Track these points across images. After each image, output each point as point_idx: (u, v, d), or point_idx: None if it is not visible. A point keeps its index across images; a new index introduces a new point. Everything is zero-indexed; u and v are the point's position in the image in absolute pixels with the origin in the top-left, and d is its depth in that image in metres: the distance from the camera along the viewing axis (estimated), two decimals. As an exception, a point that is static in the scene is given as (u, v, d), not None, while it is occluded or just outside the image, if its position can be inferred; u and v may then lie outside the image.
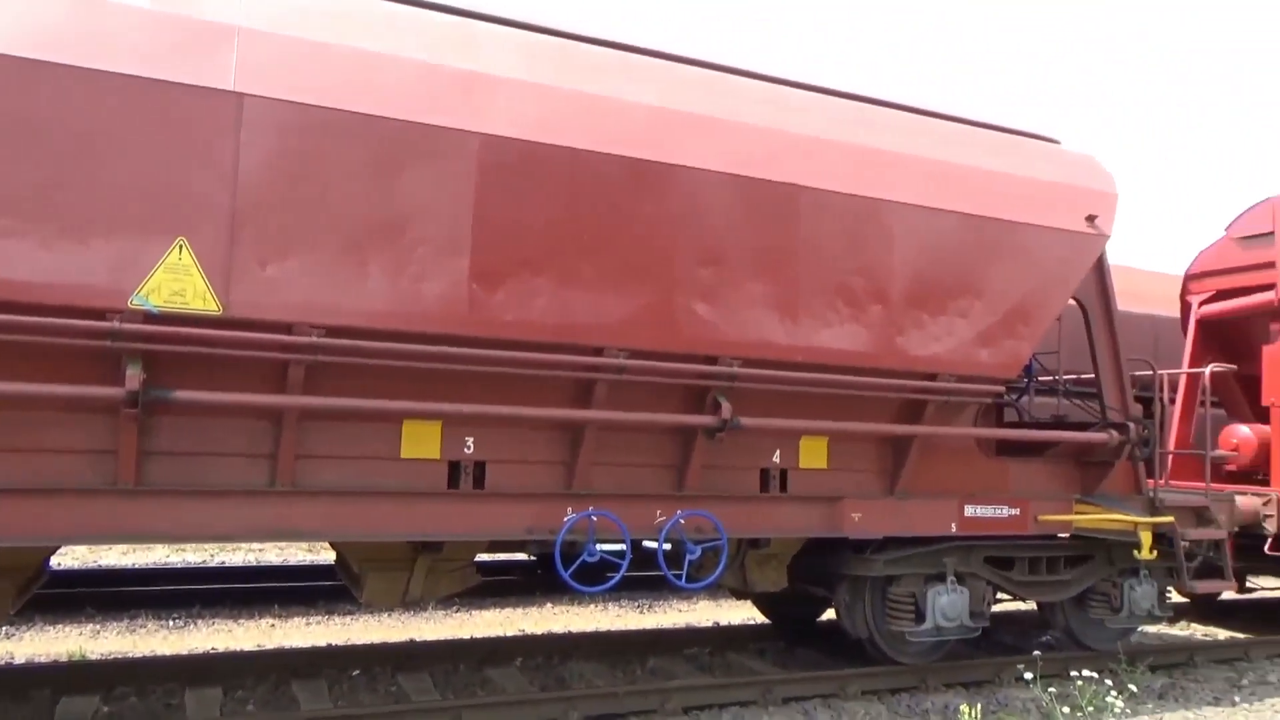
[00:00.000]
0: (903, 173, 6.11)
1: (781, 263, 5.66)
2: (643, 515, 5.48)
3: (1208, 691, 6.91)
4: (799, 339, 5.72)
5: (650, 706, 5.77)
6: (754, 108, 5.86)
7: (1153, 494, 7.12)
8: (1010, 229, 6.35)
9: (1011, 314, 6.35)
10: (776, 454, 5.94)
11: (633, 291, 5.25)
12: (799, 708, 6.05)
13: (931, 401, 6.15)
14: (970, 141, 6.74)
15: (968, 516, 6.45)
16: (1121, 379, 7.17)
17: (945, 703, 6.21)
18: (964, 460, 6.59)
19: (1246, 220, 10.38)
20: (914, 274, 6.04)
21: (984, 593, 6.74)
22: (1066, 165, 7.08)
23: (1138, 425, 6.91)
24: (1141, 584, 7.22)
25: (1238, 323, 10.52)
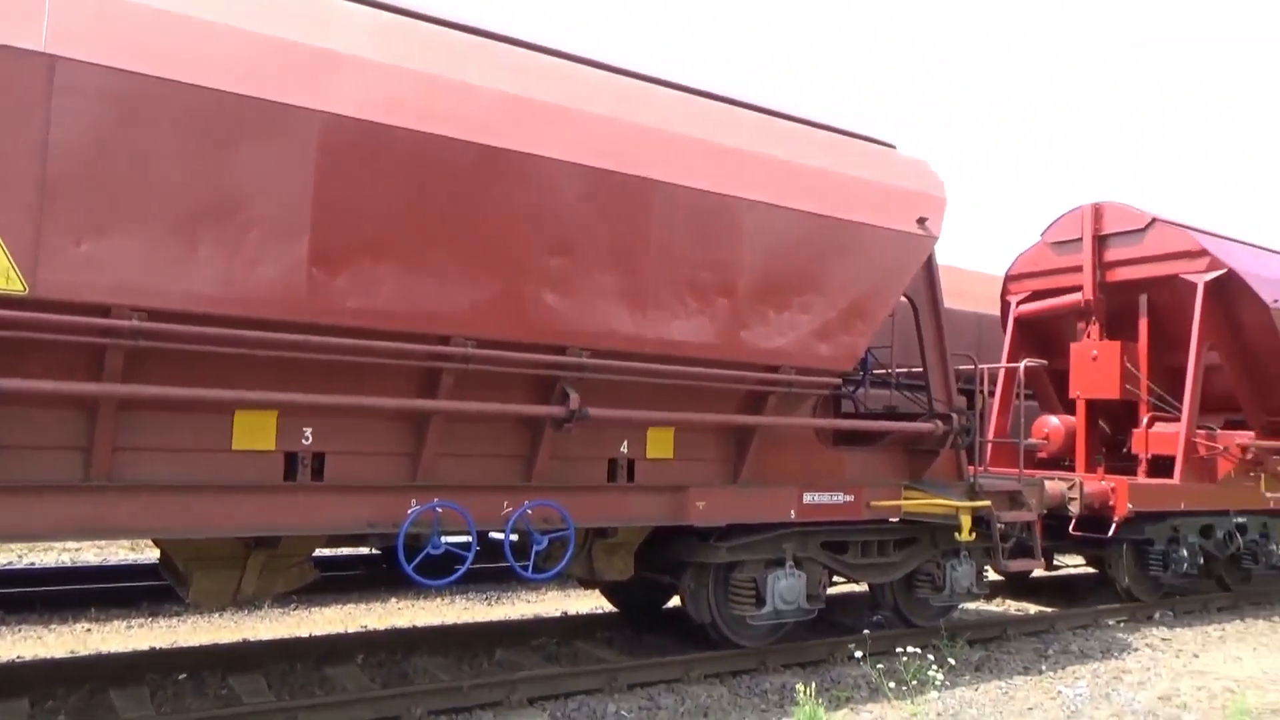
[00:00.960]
0: (752, 170, 6.28)
1: (632, 255, 5.72)
2: (489, 506, 5.42)
3: (1018, 662, 7.47)
4: (648, 330, 5.80)
5: (496, 698, 5.73)
6: (608, 100, 5.88)
7: (973, 480, 7.62)
8: (850, 228, 6.63)
9: (849, 310, 6.65)
10: (624, 444, 6.01)
11: (481, 280, 5.18)
12: (644, 693, 6.15)
13: (774, 393, 6.37)
14: (815, 142, 7.00)
15: (806, 504, 6.71)
16: (947, 372, 7.63)
17: (783, 682, 6.45)
18: (803, 450, 6.86)
19: (1059, 227, 11.26)
20: (760, 269, 6.23)
21: (820, 576, 7.04)
22: (901, 169, 7.46)
23: (960, 416, 7.37)
24: (962, 564, 7.71)
25: (1050, 321, 11.42)
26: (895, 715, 5.86)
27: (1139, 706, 6.29)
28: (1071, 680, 6.94)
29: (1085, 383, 10.63)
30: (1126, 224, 10.59)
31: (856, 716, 5.83)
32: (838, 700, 6.12)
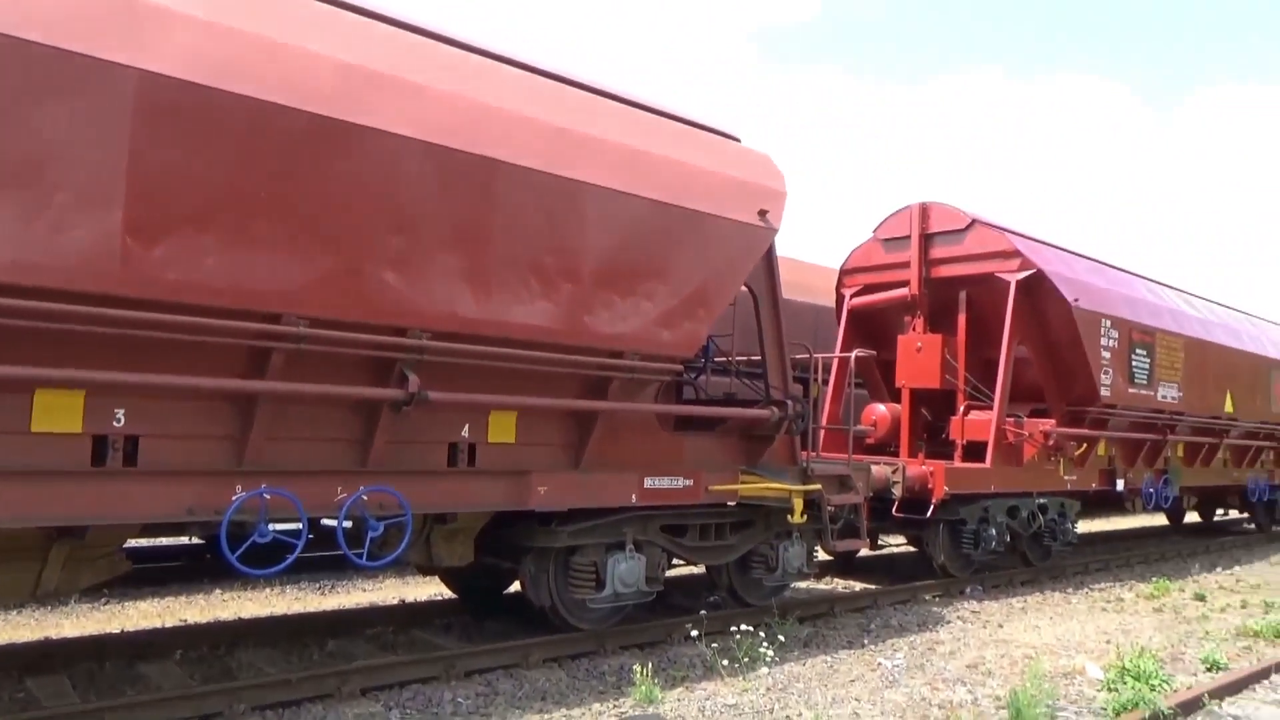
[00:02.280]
0: (600, 156, 6.28)
1: (476, 236, 5.62)
2: (322, 492, 5.22)
3: (843, 637, 7.86)
4: (491, 313, 5.72)
5: (327, 690, 5.54)
6: (454, 76, 5.74)
7: (806, 464, 7.94)
8: (694, 218, 6.74)
9: (692, 297, 6.77)
10: (465, 428, 5.91)
11: (316, 256, 4.97)
12: (482, 680, 6.10)
13: (617, 378, 6.42)
14: (662, 131, 7.08)
15: (647, 488, 6.81)
16: (784, 361, 7.91)
17: (621, 664, 6.54)
18: (645, 435, 6.95)
19: (889, 224, 11.84)
20: (605, 255, 6.25)
21: (659, 559, 7.17)
22: (746, 161, 7.65)
23: (795, 403, 7.66)
24: (794, 545, 8.04)
25: (880, 314, 12.01)
26: (728, 691, 6.04)
27: (949, 674, 6.74)
28: (891, 653, 7.36)
29: (910, 373, 11.26)
30: (950, 224, 11.26)
31: (691, 694, 5.97)
32: (674, 680, 6.25)
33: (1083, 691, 6.40)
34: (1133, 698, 5.87)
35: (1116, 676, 6.44)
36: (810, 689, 6.21)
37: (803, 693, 6.11)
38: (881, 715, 5.69)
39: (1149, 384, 12.29)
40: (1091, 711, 5.94)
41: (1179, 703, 5.87)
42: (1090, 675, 6.76)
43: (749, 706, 5.75)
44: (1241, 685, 6.66)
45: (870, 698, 6.06)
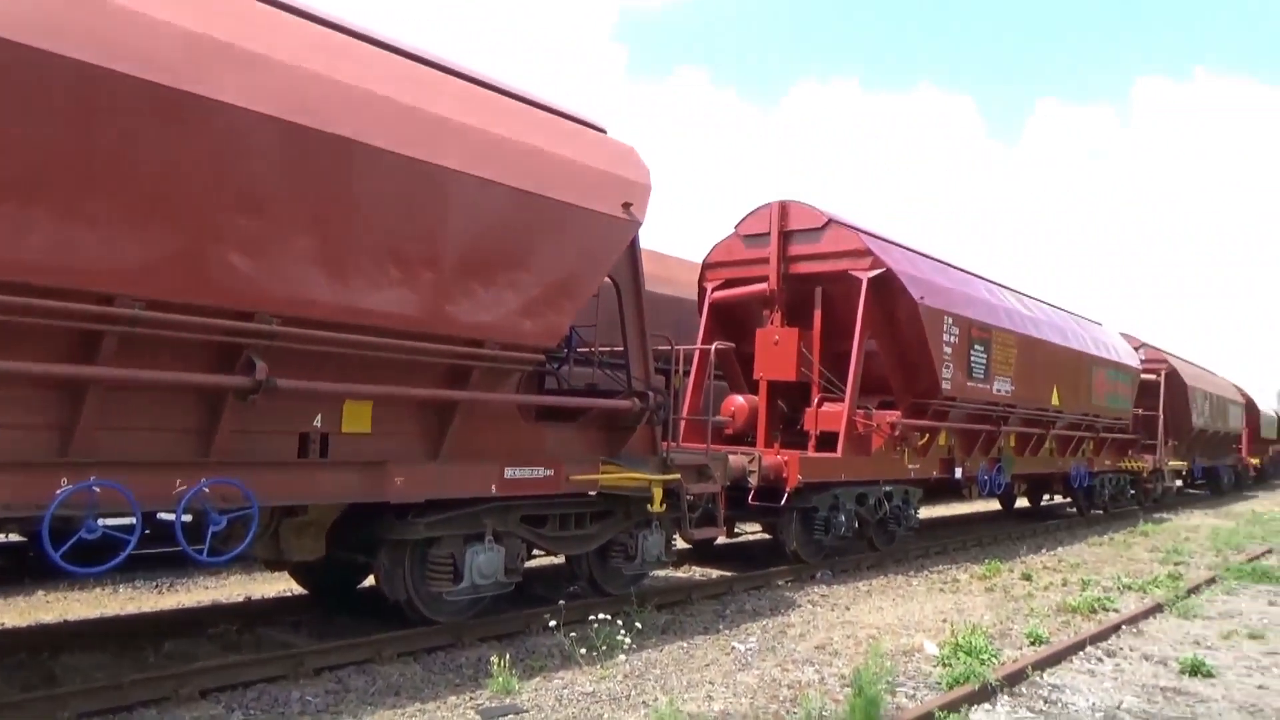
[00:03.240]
0: (462, 141, 6.16)
1: (331, 219, 5.42)
2: (159, 485, 4.93)
3: (699, 623, 8.04)
4: (347, 299, 5.54)
5: (162, 694, 5.25)
6: (313, 53, 5.50)
7: (666, 455, 8.06)
8: (558, 208, 6.72)
9: (554, 288, 6.76)
10: (318, 418, 5.71)
11: (155, 235, 4.68)
12: (333, 677, 5.91)
13: (477, 368, 6.34)
14: (528, 119, 7.01)
15: (507, 478, 6.76)
16: (646, 352, 8.00)
17: (479, 656, 6.48)
18: (506, 425, 6.90)
19: (750, 221, 12.15)
20: (467, 243, 6.15)
21: (519, 550, 7.14)
22: (611, 153, 7.67)
23: (656, 394, 7.76)
24: (653, 534, 8.16)
25: (741, 307, 12.32)
26: (586, 680, 6.08)
27: (799, 656, 7.00)
28: (744, 637, 7.58)
29: (767, 365, 11.60)
30: (807, 222, 11.66)
31: (549, 684, 5.98)
32: (532, 670, 6.24)
33: (920, 668, 6.77)
34: (964, 672, 6.26)
35: (950, 653, 6.84)
36: (667, 674, 6.32)
37: (659, 678, 6.22)
38: (734, 697, 5.86)
39: (986, 378, 13.09)
40: (927, 686, 6.30)
41: (1005, 675, 6.30)
42: (927, 652, 7.16)
43: (606, 694, 5.81)
44: (1060, 657, 7.19)
45: (724, 680, 6.22)
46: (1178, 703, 6.27)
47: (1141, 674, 6.98)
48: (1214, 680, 6.87)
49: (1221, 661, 7.41)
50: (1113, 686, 6.58)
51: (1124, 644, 7.92)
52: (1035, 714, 5.85)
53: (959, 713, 5.57)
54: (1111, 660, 7.36)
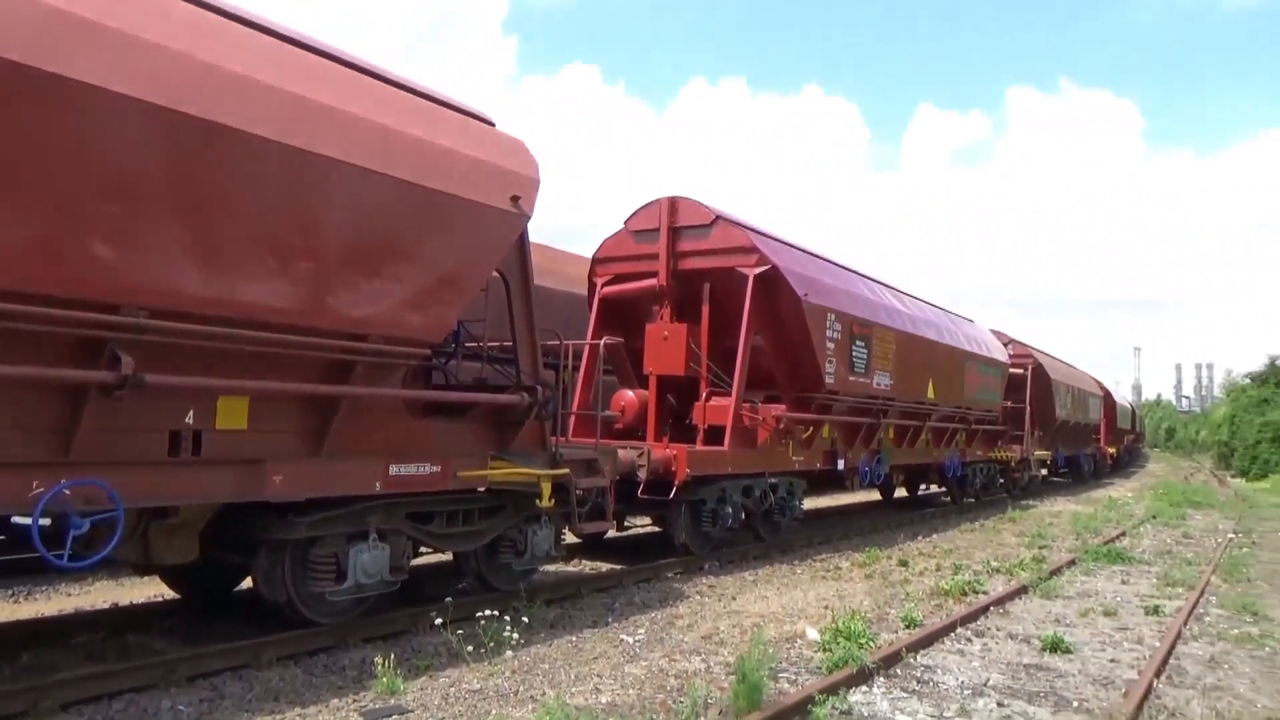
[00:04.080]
0: (345, 130, 5.99)
1: (205, 207, 5.20)
2: (13, 487, 4.64)
3: (589, 617, 8.07)
4: (221, 291, 5.34)
5: (18, 709, 4.95)
6: (187, 34, 5.25)
7: (555, 449, 8.06)
8: (445, 200, 6.61)
9: (441, 281, 6.66)
10: (190, 415, 5.47)
11: (9, 223, 4.40)
12: (207, 684, 5.70)
13: (360, 362, 6.20)
14: (414, 109, 6.87)
15: (393, 475, 6.63)
16: (534, 347, 7.97)
17: (363, 657, 6.35)
18: (392, 421, 6.76)
19: (640, 217, 12.24)
20: (349, 235, 6.00)
21: (405, 547, 7.02)
22: (499, 146, 7.60)
23: (545, 389, 7.74)
24: (542, 529, 8.15)
25: (631, 303, 12.40)
26: (473, 677, 6.03)
27: (687, 646, 7.12)
28: (633, 629, 7.66)
29: (657, 360, 11.72)
30: (696, 219, 11.82)
31: (435, 683, 5.91)
32: (418, 669, 6.15)
33: (802, 653, 6.98)
34: (843, 655, 6.49)
35: (831, 638, 7.08)
36: (555, 669, 6.33)
37: (548, 673, 6.22)
38: (621, 689, 5.91)
39: (866, 373, 13.56)
40: (809, 670, 6.50)
41: (881, 657, 6.56)
42: (809, 638, 7.39)
43: (494, 690, 5.78)
44: (933, 639, 7.53)
45: (612, 673, 6.27)
46: (1039, 678, 6.65)
47: (1007, 652, 7.37)
48: (1072, 655, 7.32)
49: (1079, 638, 7.90)
50: (980, 665, 6.93)
51: (992, 624, 8.34)
52: (909, 694, 6.11)
53: (838, 695, 5.77)
54: (980, 640, 7.75)
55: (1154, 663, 6.90)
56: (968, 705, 5.89)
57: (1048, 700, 6.11)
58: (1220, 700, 6.27)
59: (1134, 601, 9.66)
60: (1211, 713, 5.97)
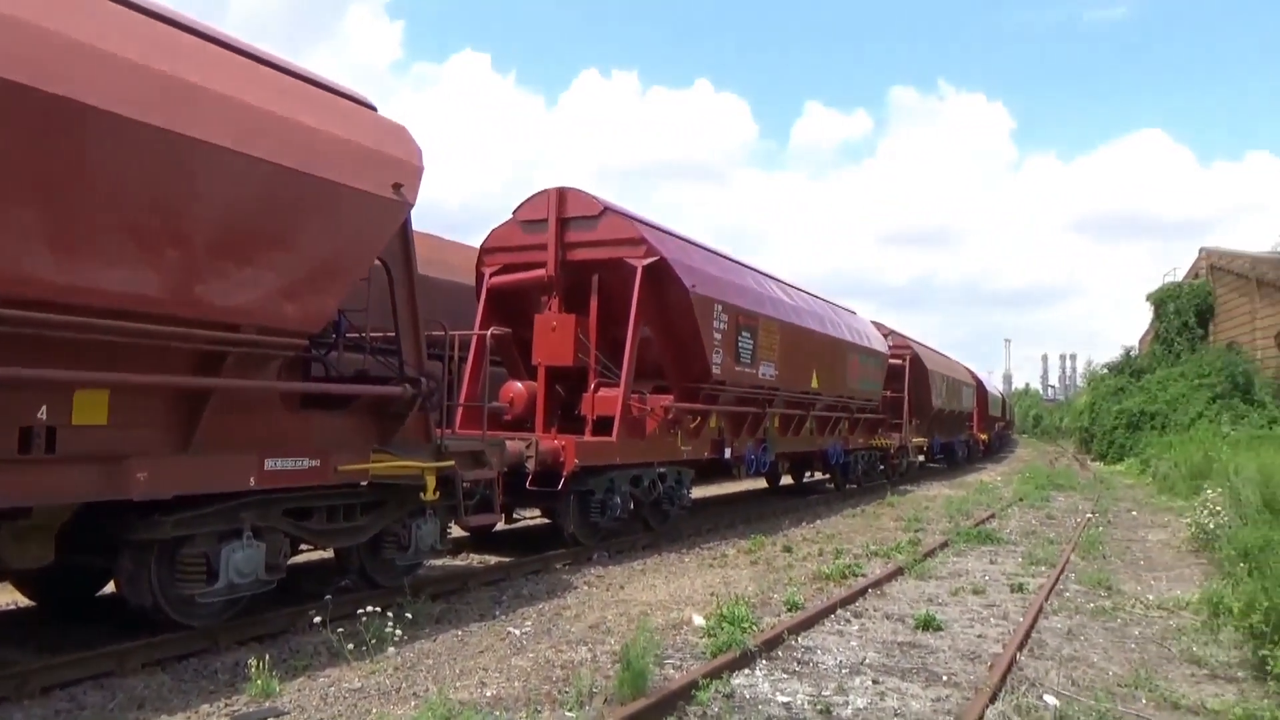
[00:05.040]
0: (215, 111, 5.72)
1: (60, 190, 4.90)
2: None
3: (476, 611, 7.98)
4: (79, 279, 5.04)
5: None
6: (38, 4, 4.90)
7: (440, 441, 7.93)
8: (323, 186, 6.40)
9: (318, 270, 6.46)
10: (43, 409, 5.14)
11: None
12: (65, 694, 5.38)
13: (232, 354, 5.96)
14: (291, 92, 6.62)
15: (268, 470, 6.40)
16: (418, 337, 7.82)
17: (236, 660, 6.11)
18: (267, 414, 6.53)
19: (528, 207, 12.14)
20: (220, 220, 5.74)
21: (281, 545, 6.79)
22: (381, 132, 7.40)
23: (429, 380, 7.61)
24: (427, 523, 8.01)
25: (519, 293, 12.29)
26: (354, 676, 5.89)
27: (574, 636, 7.13)
28: (520, 621, 7.62)
29: (545, 351, 11.66)
30: (584, 210, 11.81)
31: (314, 683, 5.74)
32: (296, 670, 5.97)
33: (688, 639, 7.08)
34: (727, 640, 6.61)
35: (715, 623, 7.20)
36: (440, 664, 6.24)
37: (431, 668, 6.13)
38: (507, 681, 5.88)
39: (752, 363, 13.83)
40: (693, 656, 6.60)
41: (763, 641, 6.71)
42: (695, 624, 7.50)
43: (375, 688, 5.66)
44: (813, 621, 7.76)
45: (498, 666, 6.22)
46: (912, 655, 6.93)
47: (883, 631, 7.66)
48: (942, 632, 7.65)
49: (950, 616, 8.27)
50: (858, 644, 7.17)
51: (870, 605, 8.65)
52: (789, 675, 6.28)
53: (721, 679, 5.88)
54: (858, 621, 8.03)
55: (1017, 637, 7.29)
56: (845, 684, 6.10)
57: (919, 676, 6.38)
58: (1076, 670, 6.67)
59: (1001, 580, 10.17)
60: (1068, 681, 6.34)
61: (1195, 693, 6.18)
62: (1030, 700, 5.81)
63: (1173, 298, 41.84)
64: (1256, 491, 11.14)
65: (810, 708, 5.59)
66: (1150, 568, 11.61)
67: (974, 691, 5.91)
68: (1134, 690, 6.19)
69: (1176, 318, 41.04)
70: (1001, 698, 5.84)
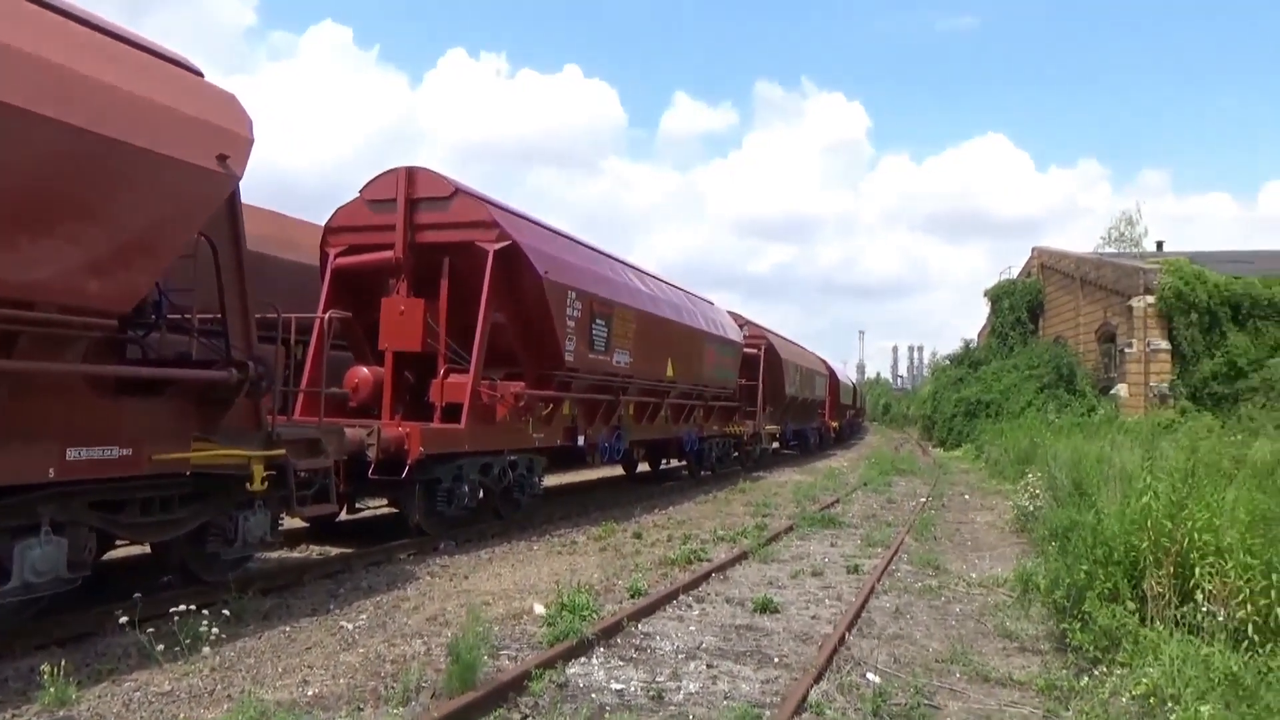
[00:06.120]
0: (11, 69, 5.21)
1: None
2: None
3: (309, 605, 7.66)
4: None
5: None
6: None
7: (271, 429, 7.54)
8: (135, 155, 5.93)
9: (130, 245, 5.99)
10: None
11: None
12: None
13: (26, 334, 5.46)
14: (101, 51, 6.11)
15: (70, 460, 5.91)
16: (248, 319, 7.40)
17: (31, 666, 5.62)
18: (70, 400, 6.02)
19: (376, 186, 11.73)
20: (10, 188, 5.23)
21: (87, 540, 6.30)
22: (206, 99, 6.94)
23: (258, 363, 7.21)
24: (256, 515, 7.61)
25: (367, 275, 11.86)
26: (164, 678, 5.53)
27: (410, 629, 6.93)
28: (355, 615, 7.36)
29: (393, 336, 11.30)
30: (435, 191, 11.49)
31: (118, 688, 5.36)
32: (99, 675, 5.56)
33: (527, 629, 7.01)
34: (566, 629, 6.58)
35: (556, 612, 7.16)
36: (261, 663, 5.94)
37: (252, 668, 5.83)
38: (332, 679, 5.64)
39: (607, 351, 13.83)
40: (531, 646, 6.53)
41: (602, 628, 6.71)
42: (536, 613, 7.43)
43: (186, 691, 5.33)
44: (655, 607, 7.82)
45: (325, 663, 5.98)
46: (748, 638, 7.08)
47: (722, 615, 7.80)
48: (779, 615, 7.86)
49: (788, 598, 8.51)
50: (697, 629, 7.27)
51: (712, 590, 8.80)
52: (626, 662, 6.30)
53: (555, 669, 5.84)
54: (700, 606, 8.14)
55: (847, 617, 7.56)
56: (680, 669, 6.16)
57: (753, 659, 6.52)
58: (899, 647, 6.97)
59: (839, 562, 10.55)
60: (891, 659, 6.62)
61: (1005, 665, 6.56)
62: (854, 679, 6.04)
63: (1008, 294, 44.55)
64: (1068, 475, 11.96)
65: (643, 694, 5.62)
66: (976, 548, 12.31)
67: (802, 672, 6.08)
68: (950, 665, 6.51)
69: (1011, 313, 43.74)
70: (827, 677, 6.04)
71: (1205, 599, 5.93)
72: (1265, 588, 5.62)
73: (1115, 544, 6.71)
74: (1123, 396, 30.74)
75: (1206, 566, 6.05)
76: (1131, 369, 30.77)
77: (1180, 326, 29.87)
